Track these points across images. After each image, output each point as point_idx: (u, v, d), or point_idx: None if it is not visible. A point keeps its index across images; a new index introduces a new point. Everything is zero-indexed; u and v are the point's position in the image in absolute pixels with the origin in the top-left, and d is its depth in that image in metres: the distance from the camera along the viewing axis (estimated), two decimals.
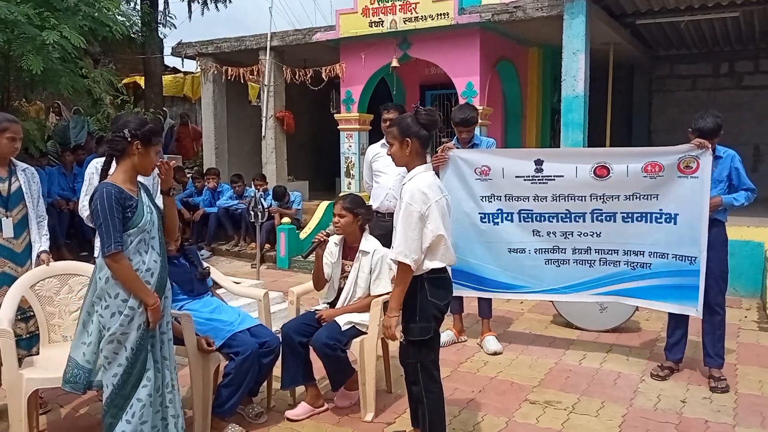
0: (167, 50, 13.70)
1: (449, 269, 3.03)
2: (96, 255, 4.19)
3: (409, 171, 2.98)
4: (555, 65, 9.51)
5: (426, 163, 3.01)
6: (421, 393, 2.98)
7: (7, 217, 3.49)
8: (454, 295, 4.72)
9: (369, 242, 3.80)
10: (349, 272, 3.80)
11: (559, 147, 8.08)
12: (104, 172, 2.87)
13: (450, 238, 2.92)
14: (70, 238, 7.90)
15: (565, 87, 7.55)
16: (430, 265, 2.87)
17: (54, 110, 10.76)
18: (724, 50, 10.78)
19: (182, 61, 11.90)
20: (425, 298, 2.88)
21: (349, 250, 3.83)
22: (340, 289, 3.83)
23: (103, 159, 3.29)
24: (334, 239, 3.87)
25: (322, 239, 3.73)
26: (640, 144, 11.11)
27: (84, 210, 4.01)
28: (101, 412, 2.83)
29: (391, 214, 4.88)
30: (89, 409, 3.70)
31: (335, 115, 9.97)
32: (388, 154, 3.06)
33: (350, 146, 9.74)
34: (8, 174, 3.55)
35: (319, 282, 3.85)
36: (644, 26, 8.91)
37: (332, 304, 3.84)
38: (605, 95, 9.58)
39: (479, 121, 5.00)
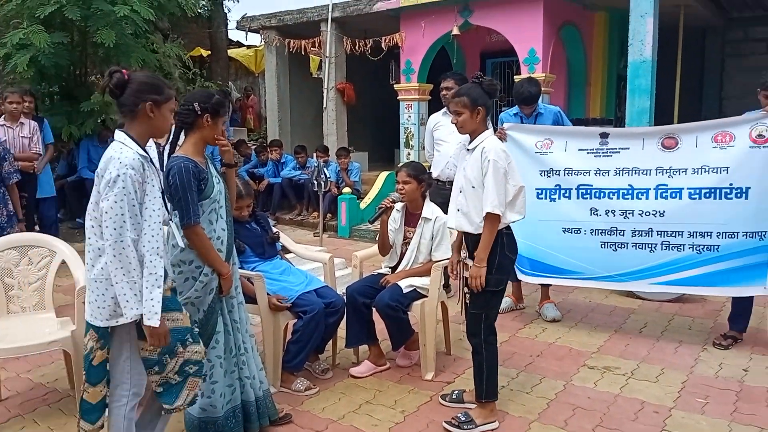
0: (231, 24, 14.01)
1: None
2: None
3: (473, 138, 3.12)
4: (622, 30, 9.20)
5: (488, 129, 3.16)
6: (480, 344, 3.13)
7: None
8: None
9: (431, 209, 3.89)
10: (410, 238, 3.91)
11: (624, 114, 7.89)
12: (173, 145, 2.97)
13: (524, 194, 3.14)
14: None
15: (632, 52, 7.35)
16: (510, 217, 3.07)
17: None
18: None
19: (246, 34, 12.16)
20: (503, 251, 3.08)
21: (411, 217, 3.94)
22: (402, 254, 3.96)
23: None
24: (397, 206, 3.99)
25: (388, 205, 3.85)
26: (711, 111, 10.68)
27: None
28: None
29: (452, 182, 4.97)
30: None
31: (395, 86, 10.02)
32: (453, 123, 3.18)
33: (410, 117, 9.79)
34: None
35: (385, 247, 3.99)
36: None
37: (394, 269, 3.98)
38: (674, 60, 9.23)
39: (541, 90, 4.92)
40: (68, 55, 7.55)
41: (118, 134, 2.42)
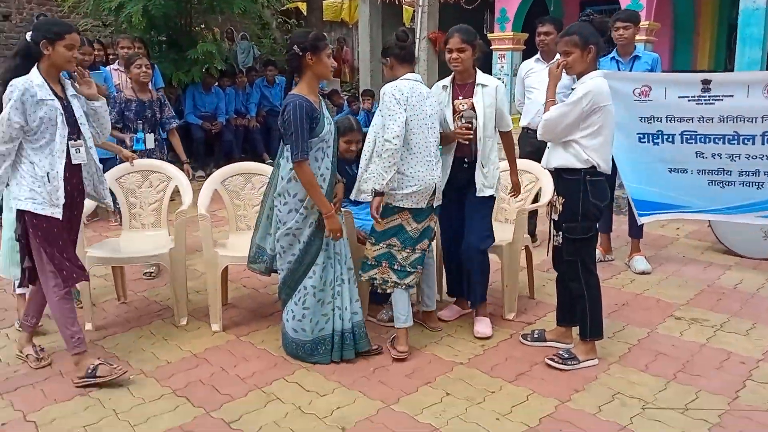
0: None
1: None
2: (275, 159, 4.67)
3: (579, 78, 3.08)
4: None
5: (598, 69, 3.12)
6: (581, 288, 3.17)
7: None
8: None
9: (485, 76, 3.53)
10: (463, 111, 3.48)
11: (733, 66, 7.42)
12: (287, 90, 3.16)
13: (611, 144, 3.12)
14: (245, 153, 8.78)
15: None
16: (595, 158, 3.02)
17: (227, 35, 11.68)
18: None
19: None
20: (587, 199, 3.07)
21: (461, 88, 3.54)
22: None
23: None
24: (444, 82, 3.59)
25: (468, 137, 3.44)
26: None
27: None
28: (277, 289, 3.34)
29: None
30: (268, 289, 4.31)
31: (488, 35, 9.82)
32: (562, 63, 3.08)
33: (503, 67, 9.59)
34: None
35: None
36: None
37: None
38: None
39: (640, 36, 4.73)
40: (175, 5, 7.96)
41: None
